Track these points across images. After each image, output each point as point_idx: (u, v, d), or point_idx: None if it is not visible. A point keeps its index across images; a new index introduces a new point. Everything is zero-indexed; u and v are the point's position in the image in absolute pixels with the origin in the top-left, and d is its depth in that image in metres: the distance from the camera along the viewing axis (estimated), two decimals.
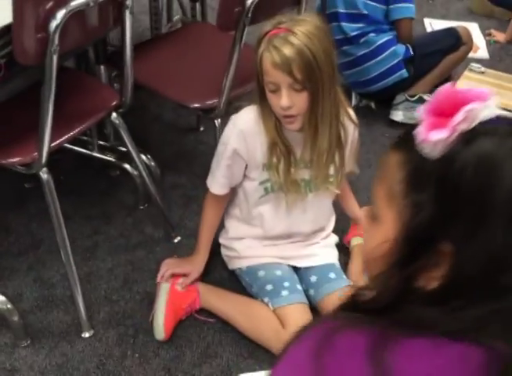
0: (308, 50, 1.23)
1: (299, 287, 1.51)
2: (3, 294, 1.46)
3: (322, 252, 1.59)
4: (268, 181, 1.45)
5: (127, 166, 1.86)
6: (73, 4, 1.14)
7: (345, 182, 1.65)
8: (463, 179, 0.56)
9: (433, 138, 0.59)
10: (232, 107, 1.50)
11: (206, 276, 1.62)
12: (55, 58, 1.14)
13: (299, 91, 1.27)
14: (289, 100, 1.27)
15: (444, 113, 0.61)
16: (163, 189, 1.89)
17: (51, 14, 1.11)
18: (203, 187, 1.53)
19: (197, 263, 1.56)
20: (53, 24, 1.11)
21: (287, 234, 1.56)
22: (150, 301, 1.54)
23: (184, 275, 1.53)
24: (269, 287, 1.49)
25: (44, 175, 1.32)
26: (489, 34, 3.14)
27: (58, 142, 1.33)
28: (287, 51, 1.23)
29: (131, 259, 1.70)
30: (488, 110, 0.59)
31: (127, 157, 1.85)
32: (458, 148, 0.57)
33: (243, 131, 1.40)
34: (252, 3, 1.43)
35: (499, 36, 3.12)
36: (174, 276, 1.53)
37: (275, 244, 1.57)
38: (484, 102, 0.60)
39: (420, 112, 0.64)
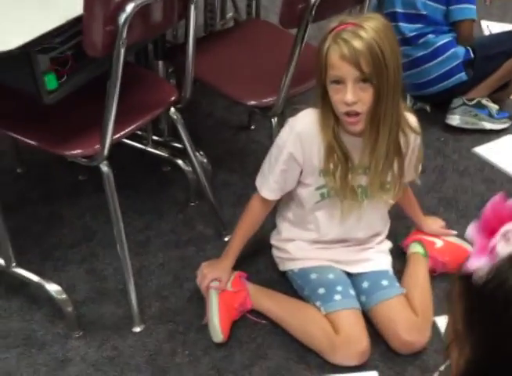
0: (377, 45, 1.20)
1: (352, 292, 1.48)
2: (58, 284, 1.47)
3: (376, 258, 1.55)
4: (325, 187, 1.42)
5: (180, 162, 1.86)
6: None
7: (408, 188, 1.61)
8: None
9: (472, 266, 0.54)
10: (289, 110, 1.47)
11: (256, 277, 1.60)
12: (122, 51, 1.14)
13: (364, 88, 1.24)
14: (354, 95, 1.24)
15: (491, 232, 0.56)
16: (214, 186, 1.88)
17: (120, 7, 1.11)
18: (255, 186, 1.51)
19: (225, 268, 1.51)
20: (122, 17, 1.10)
21: (341, 239, 1.53)
22: (200, 298, 1.53)
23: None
24: (322, 290, 1.46)
25: (104, 167, 1.32)
26: None
27: (119, 135, 1.33)
28: (356, 43, 1.20)
29: (182, 256, 1.69)
30: None
31: (180, 153, 1.85)
32: (503, 276, 0.51)
33: (299, 135, 1.37)
34: (316, 0, 1.40)
35: None
36: None
37: (329, 248, 1.54)
38: None
39: (470, 231, 0.59)
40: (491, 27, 3.04)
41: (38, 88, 1.06)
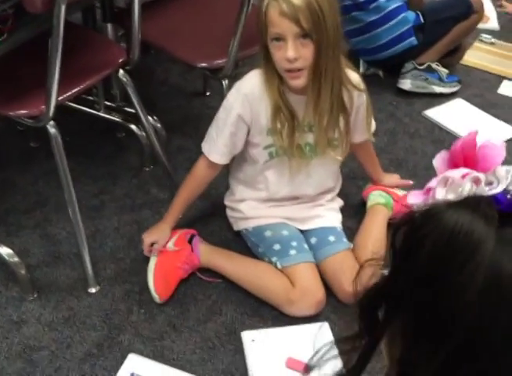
0: (315, 1, 1.21)
1: (306, 246, 1.52)
2: (11, 249, 1.47)
3: (326, 215, 1.60)
4: (273, 146, 1.45)
5: (133, 127, 1.86)
6: None
7: (369, 144, 1.66)
8: (423, 248, 0.51)
9: (410, 201, 0.56)
10: (236, 74, 1.48)
11: (210, 237, 1.63)
12: (63, 7, 1.13)
13: (305, 43, 1.26)
14: (295, 51, 1.25)
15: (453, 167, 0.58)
16: (168, 152, 1.89)
17: None
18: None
19: (163, 230, 1.52)
20: None
21: (292, 197, 1.56)
22: None
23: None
24: (277, 246, 1.50)
25: (51, 128, 1.32)
26: (500, 6, 3.10)
27: (65, 95, 1.33)
28: (295, 0, 1.21)
29: (137, 219, 1.70)
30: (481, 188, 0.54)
31: (133, 118, 1.85)
32: (432, 212, 0.51)
33: (247, 96, 1.39)
34: None
35: (510, 7, 3.08)
36: None
37: (280, 205, 1.57)
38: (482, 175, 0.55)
39: (435, 161, 0.60)
40: None
41: None
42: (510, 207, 0.51)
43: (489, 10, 2.92)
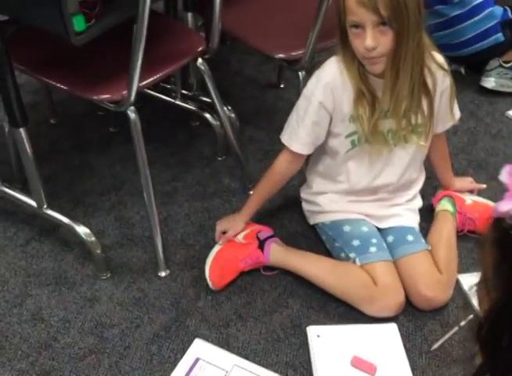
0: None
1: (385, 245, 1.48)
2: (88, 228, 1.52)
3: (404, 214, 1.55)
4: (355, 133, 1.41)
5: (208, 116, 1.88)
6: None
7: (443, 139, 1.59)
8: None
9: (503, 209, 0.53)
10: (314, 63, 1.46)
11: (280, 230, 1.62)
12: None
13: (384, 31, 1.22)
14: (374, 40, 1.22)
15: None
16: (241, 142, 1.90)
17: None
18: (282, 143, 1.51)
19: (237, 221, 1.53)
20: None
21: (373, 188, 1.51)
22: None
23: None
24: (356, 242, 1.46)
25: (132, 114, 1.35)
26: None
27: (146, 82, 1.35)
28: None
29: (208, 207, 1.72)
30: None
31: (208, 107, 1.87)
32: None
33: (329, 84, 1.36)
34: None
35: None
36: None
37: (359, 201, 1.54)
38: None
39: (503, 174, 0.58)
40: None
41: (67, 29, 1.09)
42: None
43: None
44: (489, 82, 2.22)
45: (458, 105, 1.51)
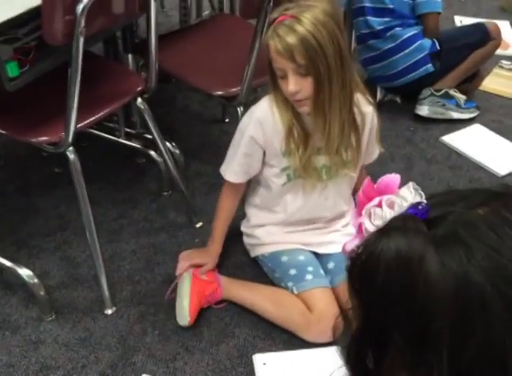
0: (313, 37, 1.24)
1: (322, 271, 1.53)
2: (31, 270, 1.51)
3: (342, 240, 1.59)
4: (289, 168, 1.47)
5: (152, 153, 1.92)
6: None
7: (365, 174, 1.66)
8: (379, 276, 0.54)
9: (348, 248, 0.60)
10: (251, 99, 1.53)
11: (226, 261, 1.66)
12: (81, 39, 1.20)
13: (304, 76, 1.29)
14: (295, 86, 1.29)
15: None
16: (187, 176, 1.94)
17: None
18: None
19: (212, 253, 1.58)
20: (80, 7, 1.16)
21: (309, 219, 1.58)
22: (171, 282, 1.57)
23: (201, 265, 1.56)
24: (293, 271, 1.51)
25: (70, 154, 1.38)
26: None
27: (84, 123, 1.39)
28: (290, 39, 1.24)
29: (154, 242, 1.74)
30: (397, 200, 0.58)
31: (152, 144, 1.91)
32: (371, 247, 0.56)
33: (259, 120, 1.42)
34: None
35: None
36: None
37: (297, 231, 1.59)
38: (391, 194, 0.59)
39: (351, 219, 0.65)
40: (464, 22, 3.11)
41: (0, 76, 1.12)
42: (427, 214, 0.55)
43: (510, 37, 2.93)
44: (423, 110, 2.33)
45: (395, 132, 1.59)
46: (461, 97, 2.37)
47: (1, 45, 1.16)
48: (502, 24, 2.93)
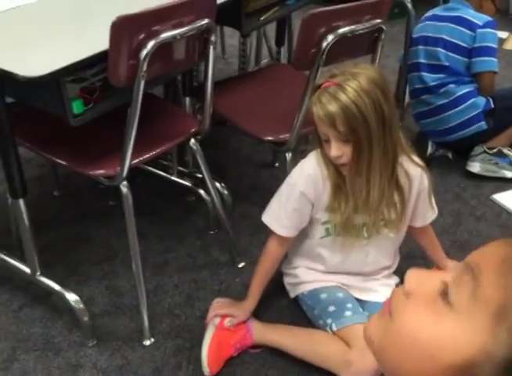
0: (355, 106, 1.26)
1: (361, 309, 1.53)
2: (78, 296, 1.59)
3: (380, 290, 1.60)
4: (329, 222, 1.49)
5: (201, 192, 1.99)
6: (162, 36, 1.29)
7: (429, 227, 1.67)
8: None
9: None
10: (299, 151, 1.56)
11: (264, 304, 1.67)
12: (142, 82, 1.29)
13: (346, 142, 1.32)
14: (337, 151, 1.33)
15: None
16: (233, 217, 1.99)
17: (142, 44, 1.26)
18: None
19: (245, 309, 1.57)
20: (143, 53, 1.26)
21: (348, 272, 1.60)
22: None
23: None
24: (332, 308, 1.52)
25: (124, 188, 1.46)
26: None
27: (139, 159, 1.47)
28: (331, 107, 1.27)
29: (196, 278, 1.79)
30: None
31: (203, 183, 1.98)
32: None
33: (311, 176, 1.44)
34: (327, 45, 1.53)
35: None
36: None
37: (337, 273, 1.60)
38: None
39: None
40: None
41: (66, 112, 1.22)
42: None
43: None
44: (475, 167, 2.32)
45: (444, 187, 1.59)
46: None
47: (69, 83, 1.27)
48: None
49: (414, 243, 1.80)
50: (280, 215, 1.51)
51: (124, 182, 1.45)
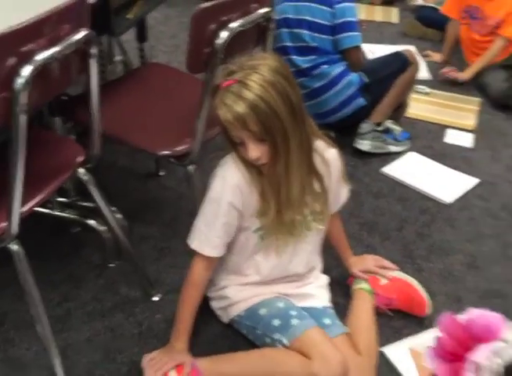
0: (263, 102, 1.17)
1: (306, 313, 1.42)
2: None
3: (316, 293, 1.54)
4: (262, 228, 1.38)
5: (92, 222, 1.72)
6: (38, 58, 1.03)
7: (338, 219, 1.62)
8: None
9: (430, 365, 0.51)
10: (209, 159, 1.40)
11: (195, 337, 1.48)
12: (23, 117, 1.02)
13: (261, 140, 1.23)
14: (256, 151, 1.24)
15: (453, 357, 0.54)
16: (131, 242, 1.76)
17: (14, 71, 0.99)
18: (176, 236, 1.42)
19: (183, 350, 1.39)
20: (18, 82, 0.99)
21: (283, 276, 1.49)
22: (138, 371, 1.39)
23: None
24: (276, 321, 1.39)
25: (14, 246, 1.18)
26: (427, 56, 3.23)
27: (28, 207, 1.19)
28: (239, 108, 1.17)
29: (110, 325, 1.55)
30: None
31: (90, 212, 1.72)
32: None
33: (236, 185, 1.32)
34: (223, 44, 1.36)
35: (436, 56, 3.22)
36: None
37: (272, 283, 1.49)
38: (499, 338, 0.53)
39: (427, 358, 0.58)
40: (373, 50, 3.19)
41: None
42: None
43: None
44: (365, 145, 2.32)
45: None
46: (397, 129, 2.40)
47: None
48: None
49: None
50: (209, 235, 1.36)
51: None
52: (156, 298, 1.63)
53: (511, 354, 0.50)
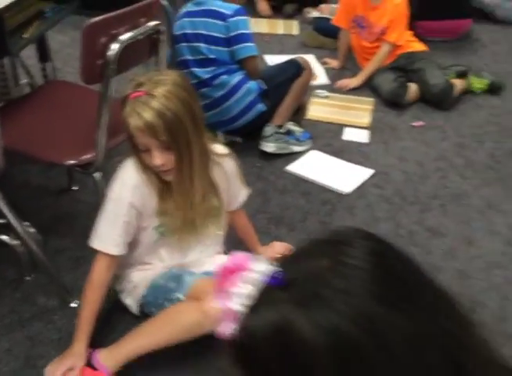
0: (169, 110, 1.29)
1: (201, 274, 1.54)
2: None
3: (214, 261, 1.61)
4: (162, 226, 1.48)
5: (4, 238, 1.75)
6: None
7: (244, 216, 1.74)
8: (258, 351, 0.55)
9: (225, 331, 0.59)
10: (115, 162, 1.49)
11: (110, 333, 1.55)
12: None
13: (167, 149, 1.34)
14: (160, 159, 1.34)
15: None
16: (48, 255, 1.80)
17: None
18: (91, 248, 1.47)
19: (78, 353, 1.41)
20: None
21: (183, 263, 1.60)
22: None
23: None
24: (172, 284, 1.50)
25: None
26: (324, 63, 3.45)
27: None
28: (148, 116, 1.28)
29: (29, 335, 1.59)
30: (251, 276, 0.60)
31: (3, 228, 1.75)
32: (246, 327, 0.56)
33: (135, 185, 1.41)
34: (115, 55, 1.46)
35: (333, 63, 3.43)
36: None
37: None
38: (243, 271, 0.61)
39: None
40: (274, 60, 3.36)
41: None
42: (284, 280, 0.56)
43: (317, 68, 3.24)
44: (270, 147, 2.45)
45: (244, 170, 1.69)
46: (299, 130, 2.56)
47: None
48: (308, 58, 3.19)
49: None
50: (111, 234, 1.44)
51: None
52: (74, 305, 1.68)
53: (255, 278, 0.59)
